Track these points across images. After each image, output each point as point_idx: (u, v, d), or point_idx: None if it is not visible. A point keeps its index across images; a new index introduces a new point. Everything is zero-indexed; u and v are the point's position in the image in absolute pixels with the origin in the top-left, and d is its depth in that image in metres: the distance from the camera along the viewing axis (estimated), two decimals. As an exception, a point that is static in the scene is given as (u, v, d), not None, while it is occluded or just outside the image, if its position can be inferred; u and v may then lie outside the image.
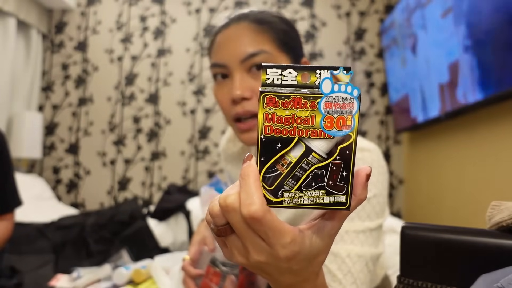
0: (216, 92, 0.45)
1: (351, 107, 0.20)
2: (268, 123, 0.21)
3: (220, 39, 0.44)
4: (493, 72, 0.94)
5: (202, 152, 1.82)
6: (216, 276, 0.45)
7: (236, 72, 0.42)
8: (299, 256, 0.21)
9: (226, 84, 0.43)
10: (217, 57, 0.44)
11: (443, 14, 1.17)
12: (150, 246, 0.98)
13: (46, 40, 1.94)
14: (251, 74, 0.42)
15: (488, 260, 0.30)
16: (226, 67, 0.43)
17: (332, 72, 0.21)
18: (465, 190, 1.20)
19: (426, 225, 0.34)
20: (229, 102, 0.43)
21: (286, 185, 0.21)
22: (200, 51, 1.90)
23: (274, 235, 0.20)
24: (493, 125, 1.06)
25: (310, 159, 0.21)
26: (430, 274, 0.32)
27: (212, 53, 0.45)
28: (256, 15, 0.44)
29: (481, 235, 0.32)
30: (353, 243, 0.41)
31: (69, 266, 0.91)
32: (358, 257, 0.40)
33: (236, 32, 0.42)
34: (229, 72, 0.43)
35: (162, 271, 0.74)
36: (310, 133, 0.21)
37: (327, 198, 0.21)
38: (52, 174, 1.85)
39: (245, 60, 0.41)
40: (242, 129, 0.43)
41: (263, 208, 0.20)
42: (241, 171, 0.21)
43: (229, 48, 0.42)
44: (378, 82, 1.83)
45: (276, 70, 0.21)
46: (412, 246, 0.34)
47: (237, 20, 0.44)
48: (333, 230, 0.22)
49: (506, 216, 0.32)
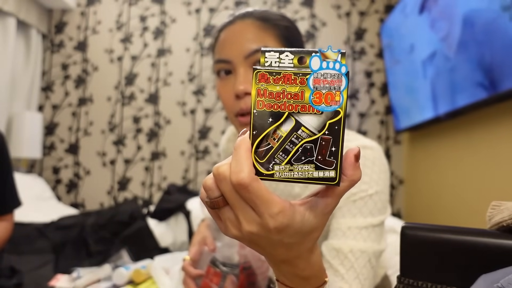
0: (219, 88, 0.45)
1: (339, 83, 0.21)
2: (260, 98, 0.21)
3: (224, 35, 0.44)
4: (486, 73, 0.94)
5: (202, 152, 1.82)
6: (217, 276, 0.45)
7: (240, 67, 0.42)
8: (289, 229, 0.21)
9: (229, 80, 0.43)
10: (222, 53, 0.44)
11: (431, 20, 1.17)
12: (150, 246, 0.98)
13: (46, 40, 1.94)
14: None
15: (488, 260, 0.30)
16: (230, 63, 0.43)
17: (321, 50, 0.21)
18: (465, 190, 1.20)
19: (426, 225, 0.34)
20: (232, 97, 0.43)
21: (276, 158, 0.21)
22: (200, 51, 1.90)
23: (261, 204, 0.20)
24: (493, 125, 1.06)
25: (300, 133, 0.21)
26: (430, 274, 0.32)
27: (216, 50, 0.45)
28: (261, 13, 0.45)
29: (481, 235, 0.32)
30: (355, 239, 0.41)
31: (69, 266, 0.91)
32: (360, 252, 0.40)
33: (241, 29, 0.43)
34: (233, 68, 0.43)
35: (162, 271, 0.73)
36: (300, 108, 0.21)
37: (317, 173, 0.21)
38: (52, 174, 1.84)
39: (249, 56, 0.42)
40: (243, 122, 0.43)
41: (250, 176, 0.20)
42: (235, 144, 0.22)
43: (233, 44, 0.43)
44: (378, 82, 1.83)
45: (274, 53, 0.22)
46: (412, 246, 0.34)
47: (242, 17, 0.44)
48: (327, 208, 0.22)
49: (506, 216, 0.32)
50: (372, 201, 0.43)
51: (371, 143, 0.46)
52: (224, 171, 0.21)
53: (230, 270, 0.45)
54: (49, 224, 1.08)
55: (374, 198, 0.43)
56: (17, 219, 0.88)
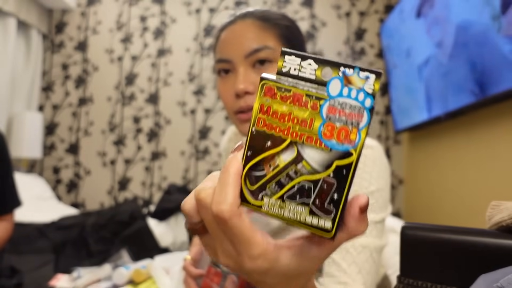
0: (220, 87, 0.45)
1: (359, 118, 0.17)
2: (262, 115, 0.18)
3: (225, 35, 0.45)
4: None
5: (202, 152, 1.82)
6: (217, 276, 0.45)
7: (240, 67, 0.43)
8: (270, 272, 0.19)
9: (229, 78, 0.44)
10: (222, 53, 0.44)
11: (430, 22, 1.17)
12: (150, 246, 0.98)
13: (46, 40, 1.94)
14: (255, 69, 0.43)
15: (488, 260, 0.30)
16: (231, 62, 0.43)
17: (345, 72, 0.17)
18: (465, 190, 1.20)
19: (426, 225, 0.34)
20: (232, 96, 0.43)
21: (268, 189, 0.18)
22: (200, 51, 1.90)
23: (240, 243, 0.18)
24: (493, 125, 1.06)
25: (299, 168, 0.18)
26: (430, 274, 0.32)
27: (217, 49, 0.46)
28: (261, 13, 0.45)
29: (481, 235, 0.32)
30: None
31: (69, 266, 0.91)
32: (362, 247, 0.40)
33: (241, 28, 0.43)
34: (233, 67, 0.44)
35: (162, 271, 0.73)
36: (305, 138, 0.18)
37: (310, 218, 0.18)
38: (52, 174, 1.85)
39: (249, 55, 0.42)
40: (242, 119, 0.43)
41: (232, 209, 0.17)
42: (226, 160, 0.19)
43: (234, 43, 0.43)
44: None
45: (296, 58, 0.18)
46: (412, 246, 0.34)
47: (243, 17, 0.45)
48: (318, 257, 0.19)
49: (506, 216, 0.32)
50: (373, 198, 0.43)
51: (372, 142, 0.47)
52: (205, 198, 0.18)
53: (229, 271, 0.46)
54: (49, 224, 1.08)
55: (375, 195, 0.43)
56: (17, 219, 0.88)
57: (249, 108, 0.42)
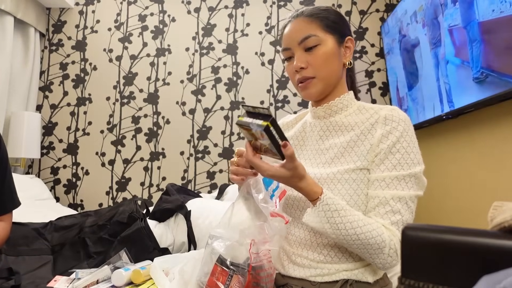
0: (287, 69, 0.64)
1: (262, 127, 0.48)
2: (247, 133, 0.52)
3: (285, 31, 0.62)
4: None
5: (201, 152, 1.82)
6: (223, 275, 0.46)
7: (296, 51, 0.60)
8: (277, 175, 0.50)
9: (291, 62, 0.62)
10: (284, 43, 0.62)
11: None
12: (149, 247, 0.98)
13: (44, 39, 1.93)
14: (307, 52, 0.60)
15: (490, 261, 0.30)
16: (290, 50, 0.61)
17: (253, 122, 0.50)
18: (467, 191, 1.20)
19: (428, 226, 0.34)
20: (294, 73, 0.61)
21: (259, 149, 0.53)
22: (199, 50, 1.89)
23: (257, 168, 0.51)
24: (495, 125, 1.06)
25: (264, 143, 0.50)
26: (431, 275, 0.32)
27: (282, 42, 0.63)
28: (309, 11, 0.61)
29: (483, 236, 0.31)
30: (393, 187, 0.54)
31: (68, 268, 0.91)
32: (399, 198, 0.53)
33: (294, 25, 0.61)
34: (292, 53, 0.61)
35: (162, 272, 0.73)
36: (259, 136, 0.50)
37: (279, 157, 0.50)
38: (50, 174, 1.84)
39: (301, 42, 0.59)
40: (302, 87, 0.61)
41: (250, 155, 0.52)
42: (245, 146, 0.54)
43: (290, 36, 0.61)
44: (378, 82, 1.82)
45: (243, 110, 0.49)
46: (414, 247, 0.33)
47: (296, 16, 0.62)
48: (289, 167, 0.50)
49: (508, 217, 0.32)
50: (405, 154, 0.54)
51: (404, 115, 0.58)
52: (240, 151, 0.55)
53: (237, 270, 0.46)
54: (47, 225, 1.08)
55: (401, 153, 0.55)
56: (15, 220, 0.88)
57: (305, 78, 0.60)
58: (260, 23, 1.89)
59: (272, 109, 1.83)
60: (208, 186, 1.79)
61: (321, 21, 0.60)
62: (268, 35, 1.88)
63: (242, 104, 0.70)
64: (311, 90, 0.60)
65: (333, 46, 0.59)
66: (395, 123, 0.55)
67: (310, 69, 0.59)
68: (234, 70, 1.86)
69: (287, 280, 0.56)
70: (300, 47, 0.59)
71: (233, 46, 1.88)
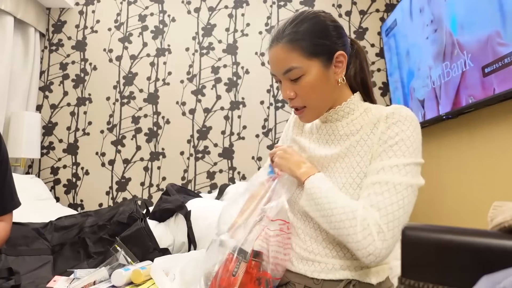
0: (280, 90, 0.64)
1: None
2: None
3: (269, 56, 0.59)
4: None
5: (201, 152, 1.82)
6: (234, 262, 0.51)
7: (282, 80, 0.58)
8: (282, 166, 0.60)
9: (281, 86, 0.59)
10: (271, 70, 0.60)
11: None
12: (149, 247, 0.98)
13: (44, 39, 1.93)
14: (293, 82, 0.57)
15: (490, 261, 0.30)
16: (277, 76, 0.59)
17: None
18: (467, 191, 1.20)
19: (427, 226, 0.34)
20: None
21: None
22: (199, 50, 1.89)
23: None
24: (494, 125, 1.06)
25: None
26: (431, 275, 0.32)
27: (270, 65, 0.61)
28: (288, 35, 0.55)
29: (483, 236, 0.31)
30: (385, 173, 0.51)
31: (68, 268, 0.91)
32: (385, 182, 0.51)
33: (274, 54, 0.57)
34: (279, 80, 0.59)
35: (162, 272, 0.73)
36: None
37: None
38: (50, 174, 1.84)
39: (284, 74, 0.57)
40: (297, 114, 0.61)
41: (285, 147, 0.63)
42: None
43: (273, 65, 0.58)
44: (379, 82, 1.82)
45: None
46: (413, 247, 0.33)
47: (275, 42, 0.57)
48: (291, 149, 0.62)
49: (508, 217, 0.32)
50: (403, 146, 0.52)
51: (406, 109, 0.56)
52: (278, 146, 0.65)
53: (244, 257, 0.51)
54: (47, 225, 1.08)
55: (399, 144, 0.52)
56: (15, 220, 0.88)
57: (296, 108, 0.60)
58: (260, 23, 1.89)
59: (272, 109, 1.83)
60: (208, 186, 1.79)
61: (302, 48, 0.54)
62: (268, 35, 1.87)
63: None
64: (305, 118, 0.60)
65: (319, 72, 0.55)
66: (395, 119, 0.53)
67: (299, 99, 0.57)
68: (234, 70, 1.86)
69: (290, 277, 0.56)
70: (285, 77, 0.56)
71: (233, 46, 1.88)
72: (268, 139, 1.81)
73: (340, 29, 0.58)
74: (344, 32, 0.59)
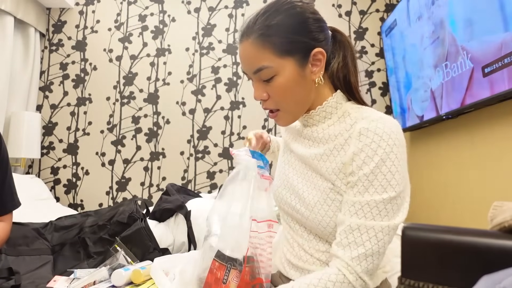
0: None
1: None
2: None
3: (239, 52, 0.53)
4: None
5: (201, 152, 1.82)
6: (221, 269, 0.47)
7: (253, 79, 0.53)
8: None
9: (253, 85, 0.54)
10: (241, 66, 0.54)
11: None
12: (149, 247, 0.98)
13: (44, 39, 1.93)
14: (265, 82, 0.51)
15: (490, 261, 0.30)
16: (247, 75, 0.54)
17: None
18: (467, 191, 1.19)
19: (427, 226, 0.34)
20: None
21: None
22: (199, 50, 1.89)
23: None
24: (494, 125, 1.06)
25: None
26: (431, 275, 0.32)
27: None
28: (259, 29, 0.48)
29: (483, 236, 0.31)
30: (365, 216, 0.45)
31: (68, 268, 0.91)
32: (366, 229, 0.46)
33: (243, 51, 0.51)
34: (250, 78, 0.54)
35: (162, 272, 0.73)
36: None
37: None
38: (50, 174, 1.84)
39: (255, 73, 0.51)
40: (271, 117, 0.55)
41: None
42: None
43: (243, 62, 0.52)
44: (379, 82, 1.82)
45: None
46: (413, 247, 0.33)
47: (245, 36, 0.50)
48: None
49: (508, 217, 0.32)
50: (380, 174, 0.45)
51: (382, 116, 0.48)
52: None
53: (234, 264, 0.47)
54: (47, 225, 1.08)
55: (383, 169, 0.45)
56: (15, 220, 0.88)
57: (270, 111, 0.54)
58: (260, 23, 1.88)
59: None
60: (208, 186, 1.79)
61: (274, 45, 0.47)
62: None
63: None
64: (280, 122, 0.54)
65: (293, 72, 0.48)
66: (369, 140, 0.45)
67: (271, 101, 0.51)
68: (234, 70, 1.86)
69: (284, 281, 0.55)
70: (255, 76, 0.50)
71: (233, 46, 1.88)
72: (268, 139, 1.81)
73: (320, 22, 0.51)
74: (325, 25, 0.51)
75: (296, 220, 0.55)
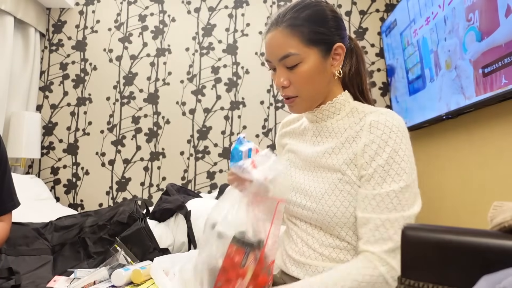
0: (272, 78, 0.58)
1: None
2: None
3: (265, 41, 0.57)
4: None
5: (201, 152, 1.82)
6: (239, 253, 0.47)
7: (277, 67, 0.55)
8: None
9: (275, 74, 0.57)
10: (266, 55, 0.57)
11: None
12: (149, 247, 0.98)
13: (44, 39, 1.93)
14: (289, 69, 0.54)
15: (490, 261, 0.30)
16: (272, 63, 0.56)
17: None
18: (467, 190, 1.20)
19: (427, 226, 0.34)
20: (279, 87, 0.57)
21: None
22: (199, 50, 1.89)
23: None
24: (494, 125, 1.06)
25: None
26: (431, 275, 0.32)
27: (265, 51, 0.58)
28: (289, 19, 0.53)
29: (483, 236, 0.31)
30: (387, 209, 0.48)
31: (68, 268, 0.91)
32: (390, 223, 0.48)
33: (272, 39, 0.55)
34: (274, 66, 0.56)
35: (162, 272, 0.73)
36: None
37: None
38: (50, 174, 1.84)
39: (280, 60, 0.54)
40: (287, 103, 0.58)
41: None
42: None
43: (269, 50, 0.56)
44: (379, 82, 1.82)
45: None
46: (413, 247, 0.33)
47: (275, 25, 0.55)
48: None
49: (508, 217, 0.32)
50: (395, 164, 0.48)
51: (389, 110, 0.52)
52: None
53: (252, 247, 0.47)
54: (47, 225, 1.08)
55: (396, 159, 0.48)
56: (15, 220, 0.88)
57: (287, 97, 0.56)
58: (260, 23, 1.89)
59: (272, 109, 1.83)
60: (208, 186, 1.79)
61: (302, 34, 0.52)
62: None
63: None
64: (295, 108, 0.57)
65: (317, 62, 0.53)
66: (379, 131, 0.49)
67: (292, 88, 0.54)
68: (234, 70, 1.86)
69: (286, 280, 0.56)
70: (281, 63, 0.54)
71: (233, 46, 1.88)
72: (268, 139, 1.81)
73: (340, 21, 0.56)
74: (343, 25, 0.57)
75: (301, 217, 0.56)
